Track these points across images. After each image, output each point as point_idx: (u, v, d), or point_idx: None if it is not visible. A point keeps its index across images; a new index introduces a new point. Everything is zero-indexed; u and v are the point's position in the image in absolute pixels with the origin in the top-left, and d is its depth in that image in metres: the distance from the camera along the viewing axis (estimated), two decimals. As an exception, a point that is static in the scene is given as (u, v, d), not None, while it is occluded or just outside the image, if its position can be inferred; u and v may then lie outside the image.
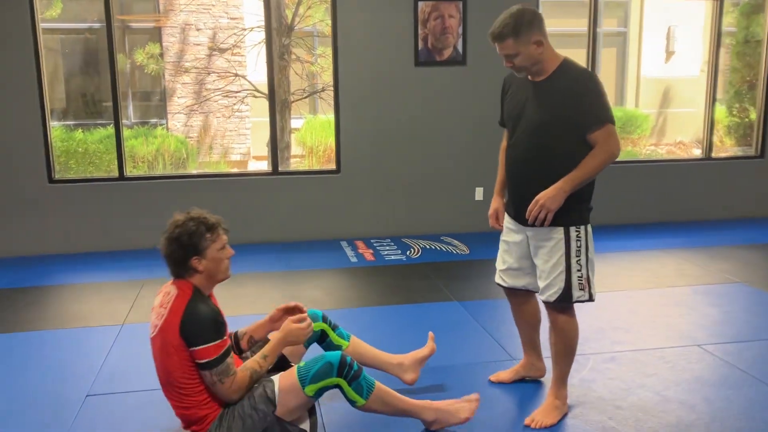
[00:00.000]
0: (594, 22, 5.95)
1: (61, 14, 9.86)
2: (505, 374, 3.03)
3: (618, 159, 8.86)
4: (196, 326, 2.31)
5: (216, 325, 2.34)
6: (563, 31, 11.82)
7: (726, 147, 8.01)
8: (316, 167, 9.03)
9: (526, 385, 3.01)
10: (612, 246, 5.37)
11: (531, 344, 2.99)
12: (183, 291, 2.39)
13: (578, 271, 2.61)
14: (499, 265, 2.90)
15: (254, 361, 2.44)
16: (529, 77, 2.61)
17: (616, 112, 11.21)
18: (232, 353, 2.41)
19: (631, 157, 9.45)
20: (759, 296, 4.18)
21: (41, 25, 5.26)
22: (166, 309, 2.37)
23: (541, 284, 2.67)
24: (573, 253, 2.61)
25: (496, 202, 2.89)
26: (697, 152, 8.10)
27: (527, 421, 2.67)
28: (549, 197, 2.51)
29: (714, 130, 6.42)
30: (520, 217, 2.69)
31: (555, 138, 2.54)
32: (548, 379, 2.95)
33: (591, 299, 2.67)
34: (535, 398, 2.89)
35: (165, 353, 2.35)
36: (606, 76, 12.77)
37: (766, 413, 2.72)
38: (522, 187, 2.66)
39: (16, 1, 5.04)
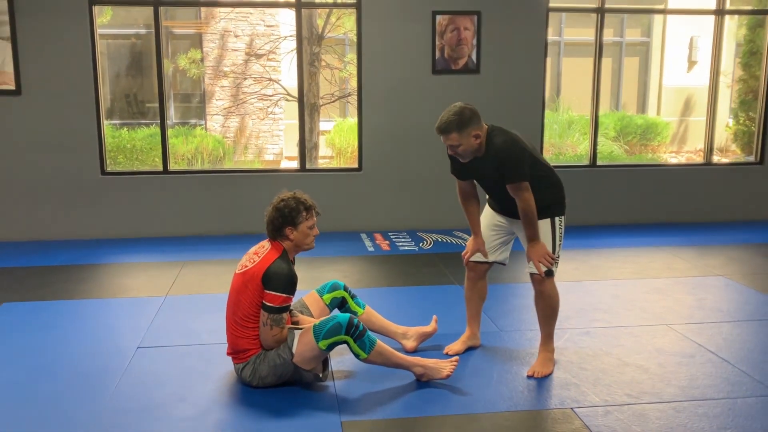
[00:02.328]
0: (600, 33, 6.39)
1: (110, 20, 10.59)
2: (457, 346, 3.49)
3: (626, 163, 9.35)
4: (276, 276, 2.94)
5: (291, 283, 2.98)
6: (581, 40, 12.23)
7: (736, 154, 8.37)
8: (344, 166, 9.55)
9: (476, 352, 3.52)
10: (609, 243, 5.82)
11: (477, 317, 3.54)
12: (275, 248, 3.05)
13: (557, 253, 3.20)
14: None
15: (295, 331, 3.03)
16: None
17: (638, 119, 11.60)
18: (289, 312, 3.00)
19: (636, 161, 9.84)
20: (735, 287, 4.60)
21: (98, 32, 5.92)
22: (259, 256, 3.03)
23: (530, 262, 3.20)
24: (557, 238, 3.21)
25: (477, 244, 3.35)
26: (724, 160, 8.42)
27: (529, 372, 3.21)
28: (537, 251, 3.13)
29: (714, 137, 6.83)
30: (509, 215, 3.28)
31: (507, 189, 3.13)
32: (499, 346, 3.45)
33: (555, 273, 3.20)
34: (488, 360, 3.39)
35: (243, 287, 2.99)
36: (629, 85, 13.14)
37: (708, 379, 3.18)
38: (507, 207, 3.24)
39: (78, 12, 5.69)
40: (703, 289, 4.55)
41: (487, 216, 3.42)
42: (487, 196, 3.43)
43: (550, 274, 3.18)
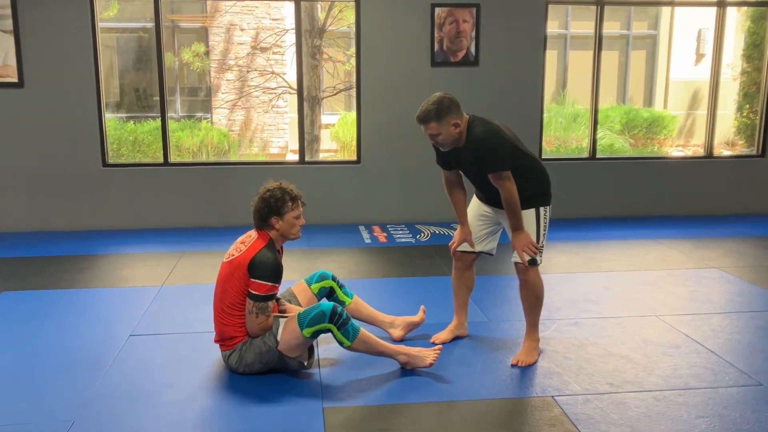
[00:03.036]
0: (600, 25, 6.38)
1: (117, 14, 10.66)
2: (444, 335, 3.52)
3: (627, 155, 9.32)
4: (261, 264, 2.99)
5: (276, 271, 3.01)
6: (587, 33, 12.18)
7: (744, 147, 8.33)
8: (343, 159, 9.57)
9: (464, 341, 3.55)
10: (606, 235, 5.83)
11: (464, 307, 3.57)
12: (262, 237, 3.09)
13: (540, 243, 3.22)
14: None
15: (280, 320, 3.07)
16: None
17: (644, 113, 11.57)
18: (274, 301, 3.05)
19: (637, 154, 9.82)
20: (728, 280, 4.60)
21: (99, 24, 5.98)
22: (245, 246, 3.07)
23: (515, 251, 3.22)
24: (541, 228, 3.23)
25: (463, 233, 3.40)
26: (726, 153, 8.40)
27: (513, 361, 3.23)
28: (520, 240, 3.14)
29: (715, 130, 6.82)
30: (494, 205, 3.31)
31: (488, 179, 3.14)
32: (485, 335, 3.48)
33: (541, 262, 3.22)
34: (480, 347, 3.42)
35: (230, 276, 3.03)
36: (635, 79, 13.07)
37: (691, 369, 3.19)
38: (492, 197, 3.26)
39: (80, 4, 5.76)
40: (696, 281, 4.55)
41: (474, 206, 3.45)
42: (475, 187, 3.46)
43: (534, 263, 3.20)
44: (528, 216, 3.20)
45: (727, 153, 7.89)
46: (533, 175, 3.23)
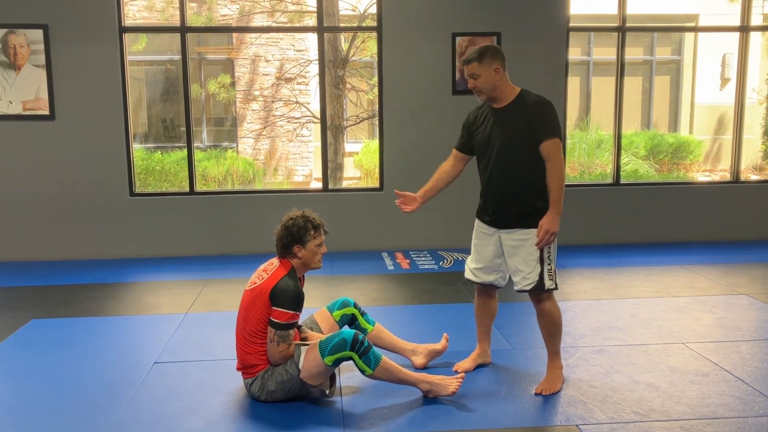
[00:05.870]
0: (621, 51, 6.39)
1: (145, 47, 10.92)
2: (467, 363, 3.48)
3: (651, 181, 9.22)
4: (283, 293, 3.01)
5: (297, 300, 3.04)
6: (610, 59, 12.18)
7: (767, 171, 8.23)
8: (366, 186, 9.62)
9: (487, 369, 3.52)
10: (631, 261, 5.76)
11: (487, 335, 3.54)
12: (284, 265, 3.12)
13: (548, 264, 3.15)
14: (473, 263, 3.41)
15: (301, 348, 3.09)
16: (491, 105, 3.20)
17: (669, 138, 11.49)
18: (296, 329, 3.09)
19: (661, 180, 9.75)
20: (758, 306, 4.52)
21: (128, 58, 6.14)
22: (267, 273, 3.10)
23: (517, 278, 3.20)
24: (545, 250, 3.16)
25: (414, 195, 3.52)
26: (754, 177, 8.29)
27: (537, 389, 3.20)
28: (552, 224, 3.08)
29: (741, 155, 6.76)
30: (496, 223, 3.26)
31: (518, 155, 3.12)
32: (508, 364, 3.45)
33: (556, 288, 3.18)
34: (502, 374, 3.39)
35: (252, 304, 3.06)
36: (660, 103, 13.01)
37: (720, 398, 3.13)
38: (499, 199, 3.24)
39: (109, 39, 5.92)
40: (724, 308, 4.47)
41: (481, 236, 3.35)
42: (480, 199, 3.37)
43: (541, 288, 3.15)
44: (533, 237, 3.13)
45: (754, 177, 7.78)
46: (544, 189, 3.14)
